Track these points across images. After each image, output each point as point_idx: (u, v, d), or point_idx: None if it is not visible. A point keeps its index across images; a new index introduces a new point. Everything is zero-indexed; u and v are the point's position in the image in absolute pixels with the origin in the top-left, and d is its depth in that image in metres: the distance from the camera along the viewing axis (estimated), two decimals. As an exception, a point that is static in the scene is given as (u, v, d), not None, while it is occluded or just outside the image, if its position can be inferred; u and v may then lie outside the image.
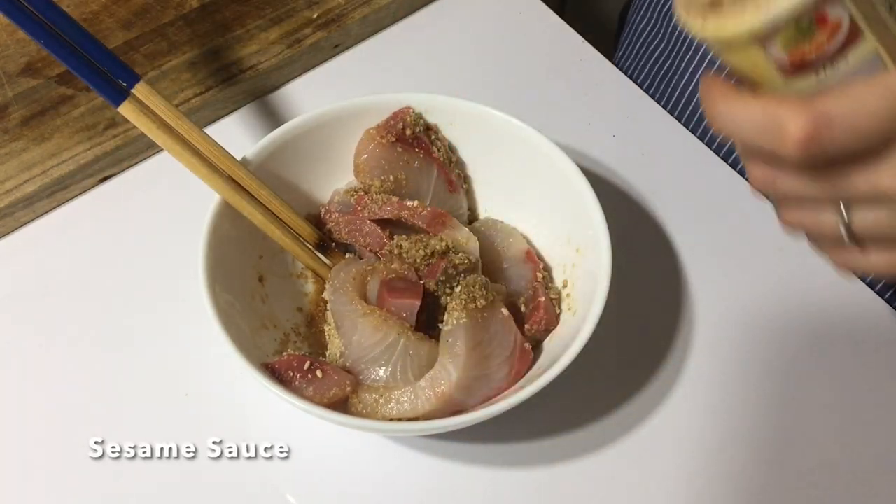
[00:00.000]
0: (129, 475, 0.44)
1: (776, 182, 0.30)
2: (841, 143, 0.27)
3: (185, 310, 0.48)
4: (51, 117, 0.55)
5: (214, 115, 0.58)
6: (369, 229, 0.47)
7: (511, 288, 0.47)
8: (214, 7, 0.60)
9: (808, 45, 0.27)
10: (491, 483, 0.44)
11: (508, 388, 0.42)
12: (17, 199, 0.52)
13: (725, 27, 0.27)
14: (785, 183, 0.30)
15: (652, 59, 0.65)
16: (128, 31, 0.58)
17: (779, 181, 0.30)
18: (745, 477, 0.44)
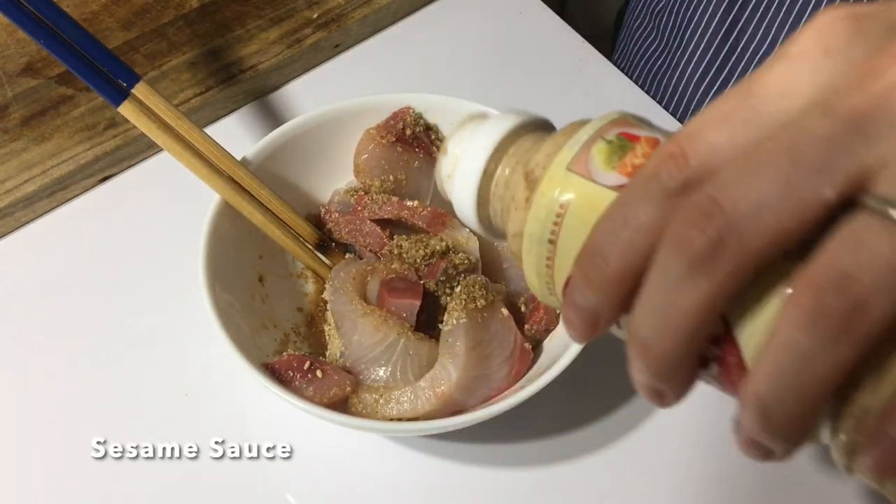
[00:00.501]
0: (129, 475, 0.44)
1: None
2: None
3: (185, 310, 0.48)
4: (51, 117, 0.55)
5: (214, 115, 0.58)
6: (369, 229, 0.47)
7: (511, 288, 0.47)
8: (214, 7, 0.60)
9: (633, 155, 0.23)
10: (491, 483, 0.44)
11: (508, 388, 0.42)
12: (17, 199, 0.52)
13: (545, 176, 0.24)
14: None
15: (646, 58, 0.65)
16: (128, 31, 0.58)
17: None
18: (745, 477, 0.44)
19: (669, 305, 0.20)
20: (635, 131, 0.24)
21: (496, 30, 0.63)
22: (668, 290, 0.20)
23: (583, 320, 0.24)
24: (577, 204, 0.24)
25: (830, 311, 0.18)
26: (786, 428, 0.20)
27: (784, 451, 0.21)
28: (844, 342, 0.18)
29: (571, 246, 0.24)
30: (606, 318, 0.23)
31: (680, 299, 0.20)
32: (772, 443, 0.21)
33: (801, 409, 0.19)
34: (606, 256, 0.22)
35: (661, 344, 0.21)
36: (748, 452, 0.22)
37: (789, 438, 0.20)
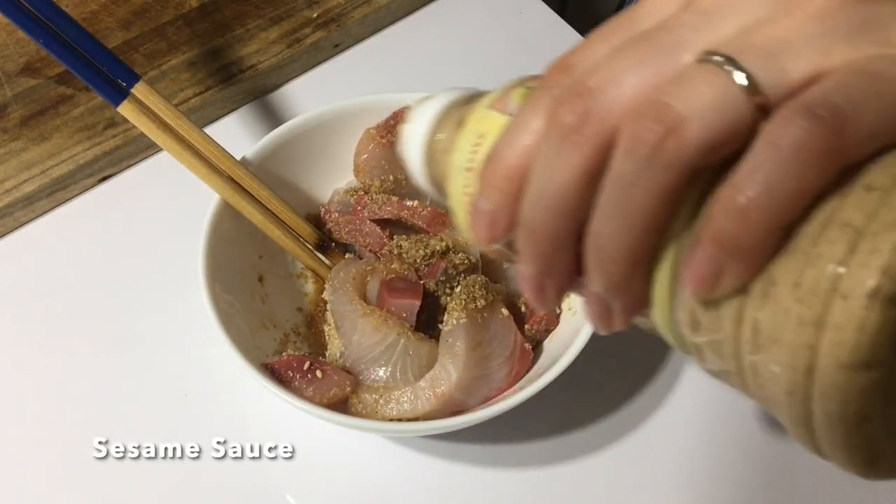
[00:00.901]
0: (129, 476, 0.44)
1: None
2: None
3: (185, 309, 0.48)
4: (50, 117, 0.55)
5: (214, 114, 0.58)
6: (369, 229, 0.47)
7: (511, 288, 0.47)
8: (214, 6, 0.60)
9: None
10: (491, 483, 0.44)
11: (508, 388, 0.42)
12: (17, 199, 0.52)
13: (470, 116, 0.28)
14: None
15: None
16: (127, 31, 0.58)
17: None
18: (746, 477, 0.44)
19: (548, 181, 0.22)
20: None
21: (496, 29, 0.63)
22: (545, 168, 0.22)
23: (482, 222, 0.25)
24: (493, 134, 0.26)
25: (646, 134, 0.20)
26: (616, 263, 0.22)
27: (618, 298, 0.22)
28: (660, 166, 0.20)
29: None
30: (503, 221, 0.25)
31: (556, 173, 0.22)
32: (606, 284, 0.22)
33: (628, 239, 0.21)
34: (500, 159, 0.24)
35: (543, 221, 0.23)
36: (591, 313, 0.24)
37: (620, 277, 0.22)
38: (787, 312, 0.20)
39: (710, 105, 0.20)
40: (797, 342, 0.19)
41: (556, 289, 0.25)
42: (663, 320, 0.23)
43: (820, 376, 0.19)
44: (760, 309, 0.20)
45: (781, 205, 0.19)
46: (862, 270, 0.19)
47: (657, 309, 0.23)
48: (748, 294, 0.21)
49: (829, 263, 0.19)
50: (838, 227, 0.19)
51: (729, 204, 0.19)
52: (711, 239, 0.20)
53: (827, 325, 0.19)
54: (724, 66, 0.20)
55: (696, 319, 0.22)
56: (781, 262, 0.20)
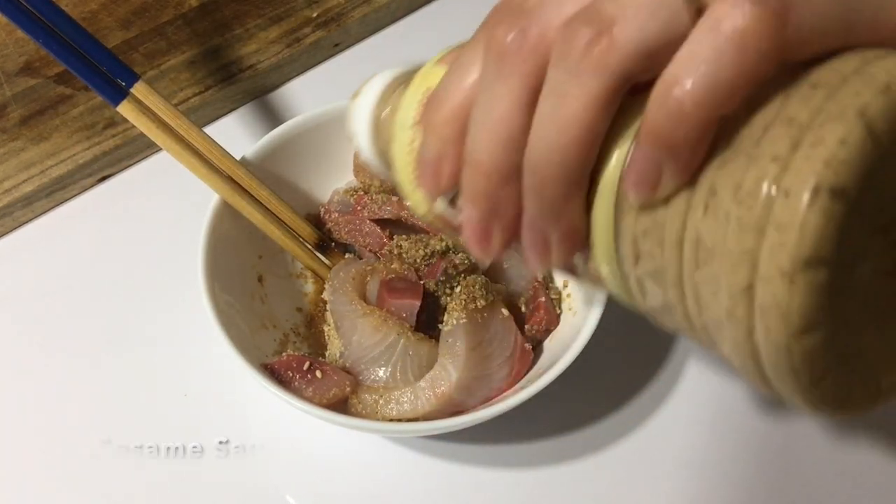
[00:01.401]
0: (128, 476, 0.44)
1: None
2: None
3: (185, 310, 0.48)
4: (49, 117, 0.55)
5: (214, 114, 0.58)
6: (369, 229, 0.47)
7: (511, 288, 0.47)
8: (213, 6, 0.60)
9: None
10: (491, 484, 0.44)
11: (509, 388, 0.42)
12: (16, 199, 0.52)
13: (416, 76, 0.27)
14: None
15: None
16: (126, 31, 0.58)
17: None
18: (746, 478, 0.44)
19: (488, 110, 0.21)
20: None
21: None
22: (485, 97, 0.21)
23: (427, 171, 0.24)
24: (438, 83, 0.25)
25: (576, 38, 0.19)
26: (550, 182, 0.20)
27: (555, 224, 0.21)
28: (589, 71, 0.19)
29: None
30: (448, 167, 0.23)
31: (496, 99, 0.21)
32: (540, 206, 0.21)
33: (561, 154, 0.20)
34: (440, 100, 0.23)
35: (486, 153, 0.22)
36: (527, 245, 0.22)
37: (556, 197, 0.21)
38: (727, 218, 0.18)
39: (644, 5, 0.18)
40: (737, 249, 0.18)
41: (503, 233, 0.23)
42: (605, 255, 0.22)
43: (760, 285, 0.18)
44: (702, 220, 0.19)
45: (719, 95, 0.18)
46: (805, 164, 0.17)
47: (598, 242, 0.22)
48: (690, 207, 0.19)
49: (770, 161, 0.18)
50: (781, 124, 0.18)
51: (663, 95, 0.18)
52: (646, 134, 0.18)
53: (768, 227, 0.17)
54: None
55: (638, 248, 0.21)
56: (723, 167, 0.19)
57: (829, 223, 0.17)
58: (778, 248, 0.17)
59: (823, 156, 0.17)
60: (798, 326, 0.18)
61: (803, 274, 0.17)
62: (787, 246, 0.17)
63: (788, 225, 0.17)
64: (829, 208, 0.17)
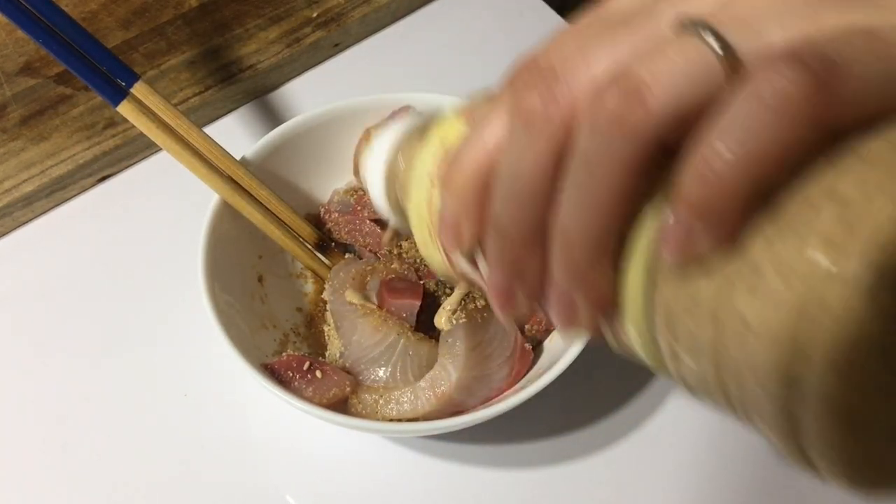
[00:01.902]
0: (129, 476, 0.44)
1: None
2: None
3: (185, 310, 0.48)
4: (49, 117, 0.55)
5: (213, 114, 0.58)
6: (369, 229, 0.47)
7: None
8: (213, 6, 0.60)
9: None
10: (491, 484, 0.44)
11: (508, 388, 0.42)
12: (16, 199, 0.52)
13: (436, 128, 0.26)
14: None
15: None
16: (126, 31, 0.58)
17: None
18: (746, 478, 0.44)
19: (514, 173, 0.21)
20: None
21: (496, 29, 0.63)
22: (511, 159, 0.21)
23: (447, 232, 0.24)
24: (458, 140, 0.24)
25: (607, 104, 0.18)
26: (579, 248, 0.20)
27: (583, 290, 0.21)
28: (620, 136, 0.18)
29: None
30: (470, 227, 0.23)
31: (522, 163, 0.20)
32: (568, 273, 0.21)
33: (592, 220, 0.19)
34: (463, 161, 0.22)
35: (511, 217, 0.21)
36: (555, 310, 0.22)
37: (584, 263, 0.20)
38: (767, 296, 0.17)
39: (679, 70, 0.18)
40: (780, 331, 0.17)
41: (527, 295, 0.23)
42: (635, 322, 0.21)
43: (807, 371, 0.17)
44: (744, 299, 0.18)
45: (758, 163, 0.17)
46: (859, 247, 0.16)
47: (629, 308, 0.21)
48: (732, 285, 0.18)
49: (819, 240, 0.17)
50: (830, 202, 0.17)
51: (700, 162, 0.17)
52: (682, 201, 0.18)
53: (812, 310, 0.16)
54: (697, 33, 0.18)
55: (674, 319, 0.20)
56: (768, 245, 0.18)
57: (880, 309, 0.16)
58: (825, 333, 0.16)
59: (880, 241, 0.16)
60: (845, 414, 0.17)
61: (852, 362, 0.16)
62: (834, 333, 0.16)
63: (835, 310, 0.16)
64: (882, 294, 0.16)
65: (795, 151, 0.17)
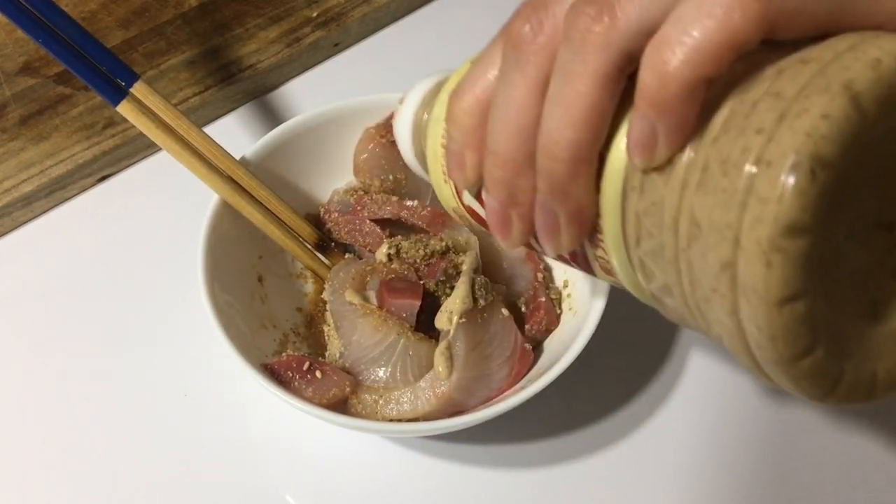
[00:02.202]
0: (128, 475, 0.44)
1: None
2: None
3: (184, 310, 0.48)
4: (49, 116, 0.55)
5: (213, 114, 0.58)
6: (369, 229, 0.47)
7: (511, 288, 0.47)
8: (213, 6, 0.60)
9: None
10: (491, 484, 0.44)
11: (509, 388, 0.42)
12: (15, 199, 0.52)
13: (454, 75, 0.28)
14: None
15: None
16: (126, 30, 0.58)
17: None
18: (746, 478, 0.44)
19: (506, 100, 0.22)
20: None
21: (496, 29, 0.63)
22: (503, 87, 0.22)
23: (453, 162, 0.25)
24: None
25: (580, 18, 0.20)
26: (558, 159, 0.21)
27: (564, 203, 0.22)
28: (592, 48, 0.19)
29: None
30: (472, 156, 0.24)
31: (513, 88, 0.22)
32: (549, 185, 0.21)
33: (569, 131, 0.20)
34: (463, 92, 0.24)
35: (504, 141, 0.22)
36: (539, 226, 0.23)
37: (564, 175, 0.21)
38: (715, 192, 0.18)
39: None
40: (721, 223, 0.18)
41: (521, 220, 0.24)
42: (613, 239, 0.22)
43: (741, 259, 0.18)
44: (694, 196, 0.19)
45: (704, 56, 0.18)
46: (787, 135, 0.17)
47: (607, 225, 0.22)
48: (685, 184, 0.19)
49: (755, 133, 0.18)
50: (769, 98, 0.18)
51: (651, 56, 0.19)
52: (638, 96, 0.19)
53: (750, 199, 0.17)
54: None
55: (640, 227, 0.21)
56: (714, 143, 0.19)
57: (809, 194, 0.17)
58: (758, 219, 0.17)
59: (805, 127, 0.17)
60: (776, 296, 0.18)
61: (781, 242, 0.17)
62: (766, 217, 0.17)
63: (768, 196, 0.17)
64: (809, 179, 0.17)
65: (738, 47, 0.18)
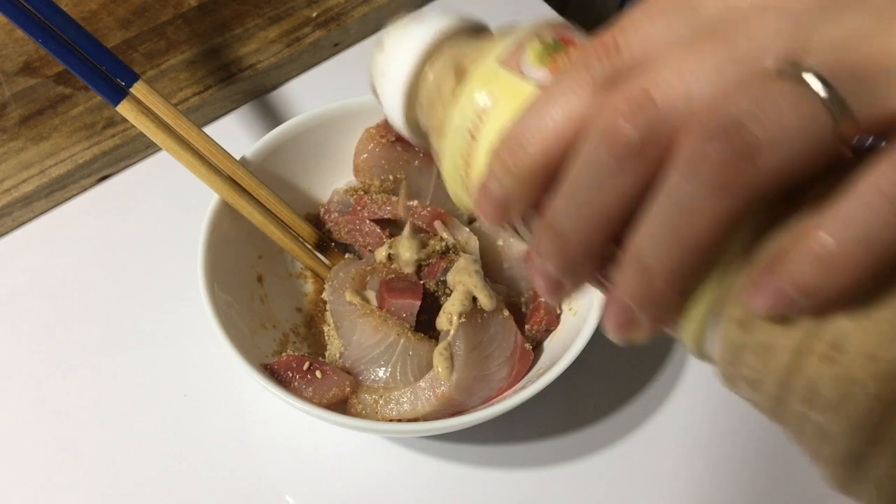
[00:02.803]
0: (129, 475, 0.44)
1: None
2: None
3: (184, 310, 0.48)
4: (49, 116, 0.55)
5: (213, 114, 0.58)
6: (369, 229, 0.47)
7: (511, 288, 0.47)
8: (213, 6, 0.60)
9: (566, 55, 0.23)
10: (491, 484, 0.44)
11: (509, 388, 0.42)
12: (16, 199, 0.52)
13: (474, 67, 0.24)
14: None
15: None
16: (126, 30, 0.58)
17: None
18: (746, 478, 0.44)
19: (593, 197, 0.20)
20: (572, 36, 0.24)
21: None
22: (592, 181, 0.20)
23: (494, 207, 0.23)
24: (503, 98, 0.23)
25: (715, 155, 0.17)
26: (657, 282, 0.19)
27: (650, 312, 0.20)
28: (725, 193, 0.17)
29: (491, 140, 0.23)
30: (518, 208, 0.22)
31: (606, 192, 0.20)
32: (642, 300, 0.20)
33: (676, 262, 0.19)
34: (526, 144, 0.21)
35: (580, 234, 0.21)
36: (612, 320, 0.21)
37: (659, 294, 0.20)
38: (854, 384, 0.17)
39: (793, 132, 0.17)
40: (861, 421, 0.18)
41: (575, 289, 0.23)
42: (693, 339, 0.21)
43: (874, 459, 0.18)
44: (818, 368, 0.18)
45: (875, 258, 0.17)
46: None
47: (689, 327, 0.21)
48: (808, 350, 0.18)
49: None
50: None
51: (812, 249, 0.17)
52: (787, 278, 0.18)
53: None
54: (812, 86, 0.17)
55: (738, 353, 0.20)
56: (859, 324, 0.18)
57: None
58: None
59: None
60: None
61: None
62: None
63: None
64: None
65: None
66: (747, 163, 0.17)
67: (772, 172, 0.17)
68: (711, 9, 0.19)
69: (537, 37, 0.24)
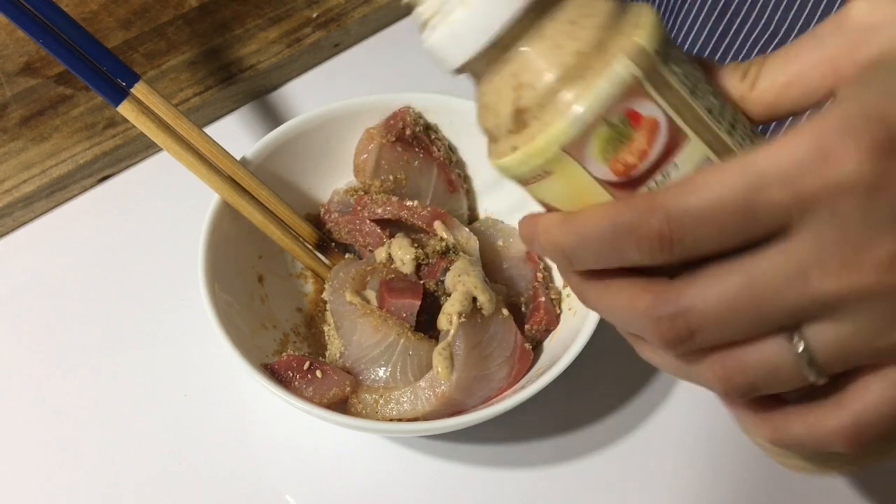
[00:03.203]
0: (129, 475, 0.44)
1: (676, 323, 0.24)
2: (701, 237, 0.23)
3: (185, 310, 0.48)
4: (50, 117, 0.55)
5: (214, 114, 0.58)
6: (369, 229, 0.47)
7: (511, 288, 0.47)
8: (214, 6, 0.60)
9: (629, 150, 0.24)
10: (491, 483, 0.44)
11: (509, 388, 0.42)
12: (16, 199, 0.52)
13: (534, 141, 0.24)
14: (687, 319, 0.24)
15: None
16: (127, 31, 0.58)
17: (680, 319, 0.24)
18: (746, 477, 0.44)
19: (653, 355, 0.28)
20: (643, 107, 0.24)
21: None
22: (646, 348, 0.28)
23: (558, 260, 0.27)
24: (561, 181, 0.25)
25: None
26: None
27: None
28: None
29: (541, 199, 0.27)
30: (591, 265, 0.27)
31: (657, 355, 0.27)
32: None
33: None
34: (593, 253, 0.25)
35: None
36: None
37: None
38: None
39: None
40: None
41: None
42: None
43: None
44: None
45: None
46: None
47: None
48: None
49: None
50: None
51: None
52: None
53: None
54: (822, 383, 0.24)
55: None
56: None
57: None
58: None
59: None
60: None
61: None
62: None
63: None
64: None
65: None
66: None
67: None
68: (770, 282, 0.24)
69: (605, 120, 0.24)
